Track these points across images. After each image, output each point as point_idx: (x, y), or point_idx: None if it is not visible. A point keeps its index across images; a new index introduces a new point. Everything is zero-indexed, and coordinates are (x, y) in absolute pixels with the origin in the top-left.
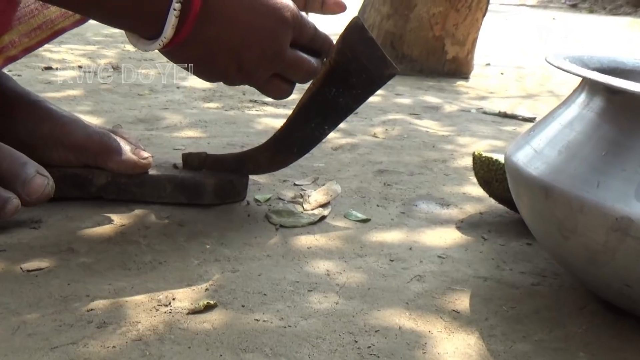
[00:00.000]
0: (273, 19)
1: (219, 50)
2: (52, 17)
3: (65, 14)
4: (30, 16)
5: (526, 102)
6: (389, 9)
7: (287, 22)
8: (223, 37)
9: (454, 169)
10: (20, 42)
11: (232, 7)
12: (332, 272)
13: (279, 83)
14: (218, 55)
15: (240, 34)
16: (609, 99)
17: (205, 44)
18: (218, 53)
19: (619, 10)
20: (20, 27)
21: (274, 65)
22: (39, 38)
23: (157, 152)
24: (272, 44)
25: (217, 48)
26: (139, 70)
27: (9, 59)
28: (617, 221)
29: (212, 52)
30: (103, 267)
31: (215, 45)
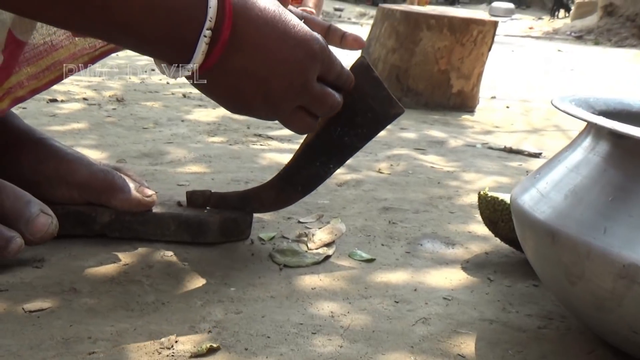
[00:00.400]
0: (303, 51)
1: (246, 80)
2: (60, 58)
3: (74, 55)
4: (39, 58)
5: (532, 136)
6: (395, 42)
7: (316, 56)
8: (251, 66)
9: (460, 207)
10: (28, 84)
11: (261, 37)
12: (337, 314)
13: (303, 116)
14: (245, 85)
15: (269, 65)
16: (615, 143)
17: (233, 72)
18: (245, 82)
19: (624, 43)
20: (28, 69)
21: (300, 98)
22: (47, 79)
23: (161, 188)
24: (300, 76)
25: (244, 77)
26: (143, 103)
27: (16, 100)
28: (624, 268)
29: (239, 81)
30: (105, 307)
31: (243, 75)
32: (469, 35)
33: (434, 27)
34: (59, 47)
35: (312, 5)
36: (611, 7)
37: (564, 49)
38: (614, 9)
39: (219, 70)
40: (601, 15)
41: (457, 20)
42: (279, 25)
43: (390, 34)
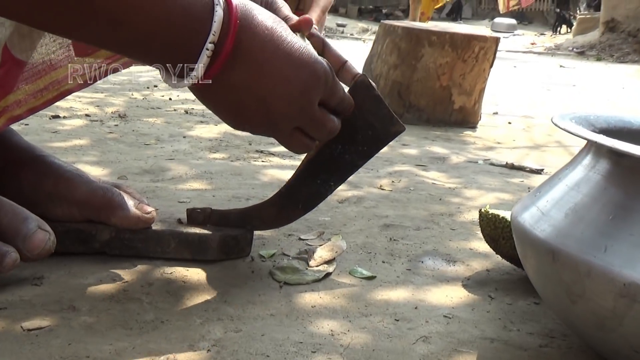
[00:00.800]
0: (307, 73)
1: (247, 96)
2: (58, 78)
3: (72, 75)
4: (37, 77)
5: (534, 152)
6: (396, 59)
7: (319, 80)
8: (253, 82)
9: (461, 223)
10: (25, 102)
11: (265, 55)
12: (337, 332)
13: (301, 137)
14: (245, 101)
15: (271, 83)
16: (616, 161)
17: (234, 87)
18: (246, 98)
19: (626, 58)
20: (27, 87)
21: (300, 120)
22: (45, 99)
23: (161, 205)
24: (302, 98)
25: (245, 93)
26: (145, 119)
27: (13, 119)
28: (625, 287)
29: (239, 97)
30: (104, 326)
31: (244, 90)
32: (470, 51)
33: (436, 44)
34: (57, 66)
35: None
36: (613, 23)
37: (566, 65)
38: (616, 25)
39: (220, 84)
40: (603, 31)
41: (458, 37)
42: (284, 46)
43: (392, 50)
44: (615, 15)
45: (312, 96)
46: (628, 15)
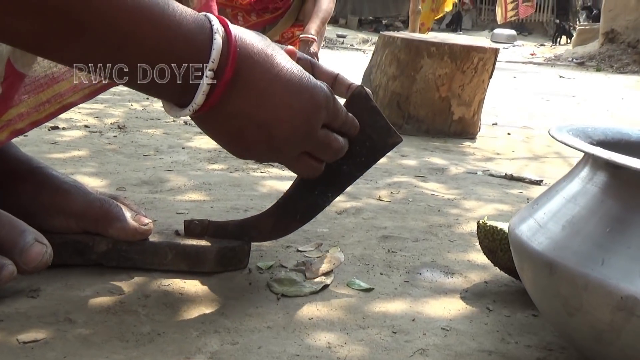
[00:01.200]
0: (307, 98)
1: (248, 124)
2: (61, 91)
3: (74, 88)
4: (39, 90)
5: (533, 164)
6: (395, 70)
7: (320, 104)
8: (253, 110)
9: (459, 235)
10: (28, 115)
11: (265, 82)
12: (334, 345)
13: (308, 161)
14: (247, 129)
15: (272, 110)
16: (613, 174)
17: (234, 115)
18: (247, 127)
19: (625, 69)
20: (29, 101)
21: (305, 144)
22: (47, 112)
23: (159, 217)
24: (304, 123)
25: (246, 121)
26: (145, 130)
27: (15, 132)
28: (622, 300)
29: (241, 125)
30: (100, 338)
31: (245, 118)
32: (469, 62)
33: (435, 55)
34: (60, 79)
35: (314, 33)
36: (612, 34)
37: (565, 75)
38: (615, 36)
39: (221, 112)
40: (602, 41)
41: (457, 48)
42: (283, 72)
43: (391, 61)
44: (614, 26)
45: (315, 121)
46: (627, 27)
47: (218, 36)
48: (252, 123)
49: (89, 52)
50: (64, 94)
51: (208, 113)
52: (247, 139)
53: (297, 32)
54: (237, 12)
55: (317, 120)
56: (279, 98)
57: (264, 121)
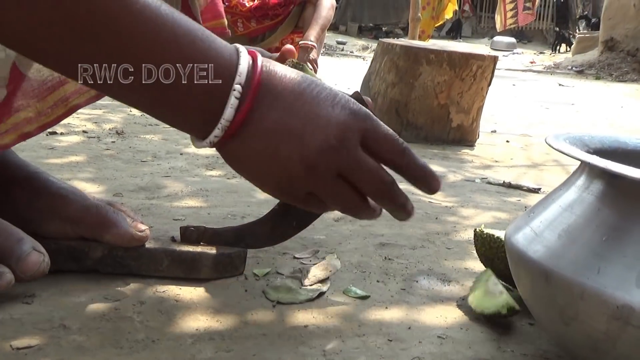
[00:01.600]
0: (339, 107)
1: (280, 136)
2: (66, 94)
3: (80, 90)
4: (47, 93)
5: (531, 171)
6: (394, 77)
7: (356, 115)
8: (283, 120)
9: (457, 243)
10: (36, 119)
11: (294, 94)
12: (329, 353)
13: (344, 186)
14: (279, 143)
15: (302, 119)
16: (609, 182)
17: (265, 130)
18: (279, 140)
19: (625, 77)
20: (37, 105)
21: (340, 157)
22: (55, 115)
23: (156, 223)
24: (338, 132)
25: (278, 135)
26: (143, 136)
27: (23, 136)
28: (618, 309)
29: (272, 139)
30: (94, 345)
31: (276, 132)
32: (468, 70)
33: (434, 62)
34: (65, 82)
35: (313, 39)
36: (612, 42)
37: (565, 83)
38: (615, 44)
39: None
40: (602, 50)
41: (456, 55)
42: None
43: (390, 68)
44: (614, 34)
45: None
46: (627, 35)
47: (244, 54)
48: (282, 134)
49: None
50: (69, 97)
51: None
52: (278, 155)
53: (297, 39)
54: (237, 18)
55: (352, 130)
56: (309, 108)
57: (294, 131)
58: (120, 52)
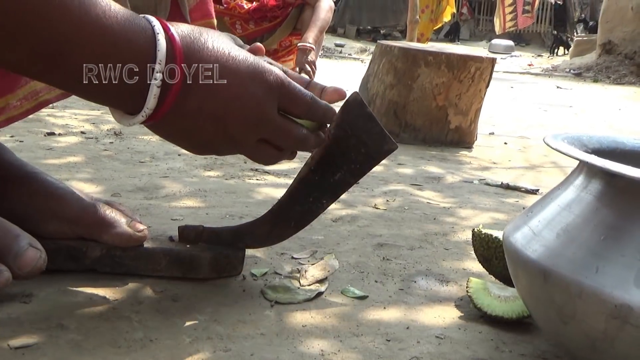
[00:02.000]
0: (256, 83)
1: (203, 121)
2: (36, 88)
3: (49, 86)
4: (16, 87)
5: (529, 173)
6: (393, 78)
7: (269, 87)
8: (206, 106)
9: (455, 243)
10: (4, 112)
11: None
12: (327, 353)
13: (266, 148)
14: (203, 126)
15: (223, 102)
16: (608, 182)
17: (189, 114)
18: (203, 123)
19: (622, 80)
20: (6, 97)
21: (260, 130)
22: (24, 109)
23: (154, 223)
24: (255, 109)
25: (201, 118)
26: (141, 137)
27: None
28: (617, 308)
29: (196, 122)
30: (92, 344)
31: (199, 116)
32: (466, 71)
33: (432, 64)
34: None
35: (312, 41)
36: (610, 45)
37: (563, 86)
38: (613, 47)
39: (175, 114)
40: (600, 53)
41: (454, 57)
42: (229, 62)
43: (388, 70)
44: (612, 37)
45: (267, 105)
46: (625, 38)
47: (161, 37)
48: (206, 119)
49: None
50: (39, 92)
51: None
52: (204, 135)
53: (295, 41)
54: (235, 20)
55: (269, 105)
56: (229, 89)
57: (217, 115)
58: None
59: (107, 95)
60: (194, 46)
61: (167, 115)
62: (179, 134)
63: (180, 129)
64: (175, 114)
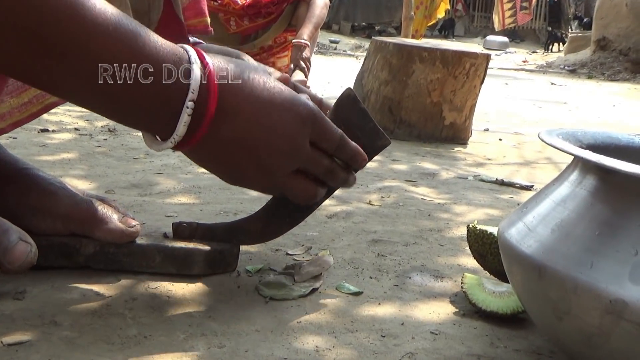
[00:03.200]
0: (290, 115)
1: (236, 150)
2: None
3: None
4: (21, 90)
5: (524, 169)
6: (387, 75)
7: (302, 119)
8: (239, 136)
9: (449, 239)
10: (10, 116)
11: (249, 107)
12: (322, 349)
13: (302, 181)
14: (236, 155)
15: (257, 133)
16: (602, 177)
17: (222, 143)
18: (236, 153)
19: (617, 76)
20: (12, 101)
21: (292, 160)
22: (29, 112)
23: (148, 219)
24: (289, 140)
25: (234, 148)
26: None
27: None
28: (611, 304)
29: (229, 152)
30: (86, 341)
31: (232, 145)
32: (461, 68)
33: (427, 60)
34: None
35: (306, 38)
36: (604, 42)
37: (557, 83)
38: (607, 44)
39: (208, 143)
40: (594, 49)
41: (449, 53)
42: (264, 93)
43: (383, 66)
44: (606, 34)
45: (300, 135)
46: (619, 34)
47: (196, 66)
48: (239, 149)
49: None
50: (45, 94)
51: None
52: (237, 166)
53: (290, 37)
54: (230, 17)
55: (301, 133)
56: (263, 120)
57: (250, 146)
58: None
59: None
60: (228, 77)
61: (199, 143)
62: (211, 162)
63: (212, 157)
64: (208, 142)
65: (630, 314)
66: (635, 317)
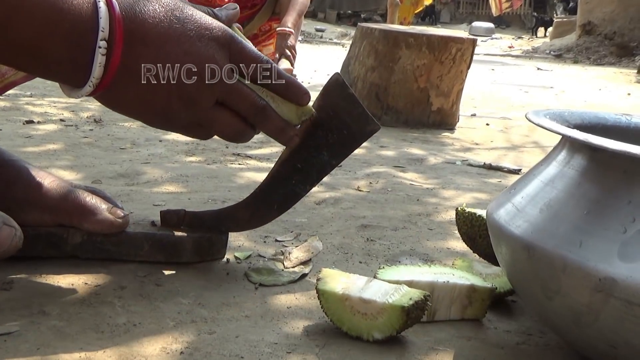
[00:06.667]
0: (204, 39)
1: (153, 84)
2: (2, 70)
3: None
4: None
5: (511, 153)
6: (374, 61)
7: (218, 42)
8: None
9: (438, 223)
10: None
11: (160, 35)
12: (312, 333)
13: (227, 115)
14: (154, 89)
15: (173, 59)
16: (590, 156)
17: (138, 77)
18: (153, 86)
19: (602, 61)
20: None
21: (214, 88)
22: None
23: (136, 209)
24: (206, 61)
25: (150, 79)
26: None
27: None
28: (601, 282)
29: (147, 87)
30: (75, 330)
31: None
32: (447, 53)
33: (413, 46)
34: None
35: (290, 26)
36: (590, 26)
37: (543, 67)
38: (593, 28)
39: (122, 79)
40: (580, 34)
41: (435, 39)
42: (177, 19)
43: (369, 53)
44: (591, 18)
45: (218, 60)
46: (604, 19)
47: (102, 4)
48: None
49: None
50: (5, 73)
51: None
52: (157, 100)
53: (275, 25)
54: None
55: (220, 57)
56: (178, 46)
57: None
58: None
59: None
60: (135, 8)
61: (115, 82)
62: (132, 103)
63: (132, 96)
64: (123, 79)
65: (619, 291)
66: (624, 295)
